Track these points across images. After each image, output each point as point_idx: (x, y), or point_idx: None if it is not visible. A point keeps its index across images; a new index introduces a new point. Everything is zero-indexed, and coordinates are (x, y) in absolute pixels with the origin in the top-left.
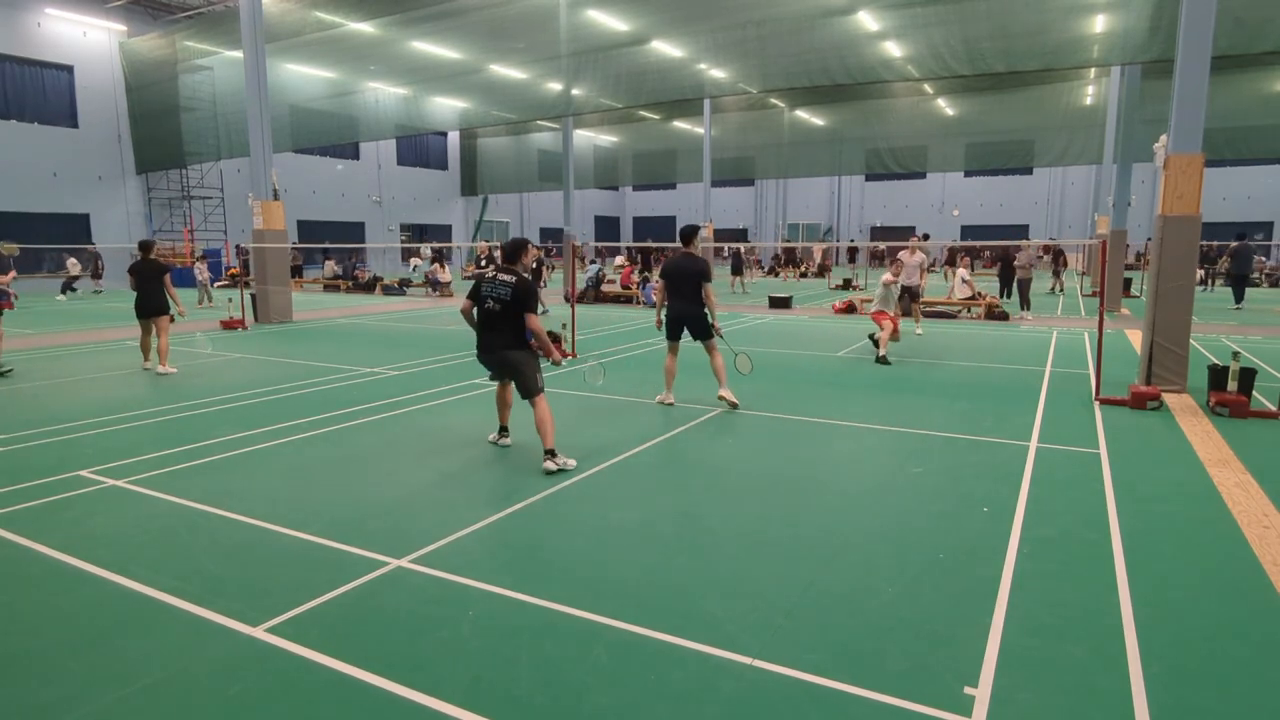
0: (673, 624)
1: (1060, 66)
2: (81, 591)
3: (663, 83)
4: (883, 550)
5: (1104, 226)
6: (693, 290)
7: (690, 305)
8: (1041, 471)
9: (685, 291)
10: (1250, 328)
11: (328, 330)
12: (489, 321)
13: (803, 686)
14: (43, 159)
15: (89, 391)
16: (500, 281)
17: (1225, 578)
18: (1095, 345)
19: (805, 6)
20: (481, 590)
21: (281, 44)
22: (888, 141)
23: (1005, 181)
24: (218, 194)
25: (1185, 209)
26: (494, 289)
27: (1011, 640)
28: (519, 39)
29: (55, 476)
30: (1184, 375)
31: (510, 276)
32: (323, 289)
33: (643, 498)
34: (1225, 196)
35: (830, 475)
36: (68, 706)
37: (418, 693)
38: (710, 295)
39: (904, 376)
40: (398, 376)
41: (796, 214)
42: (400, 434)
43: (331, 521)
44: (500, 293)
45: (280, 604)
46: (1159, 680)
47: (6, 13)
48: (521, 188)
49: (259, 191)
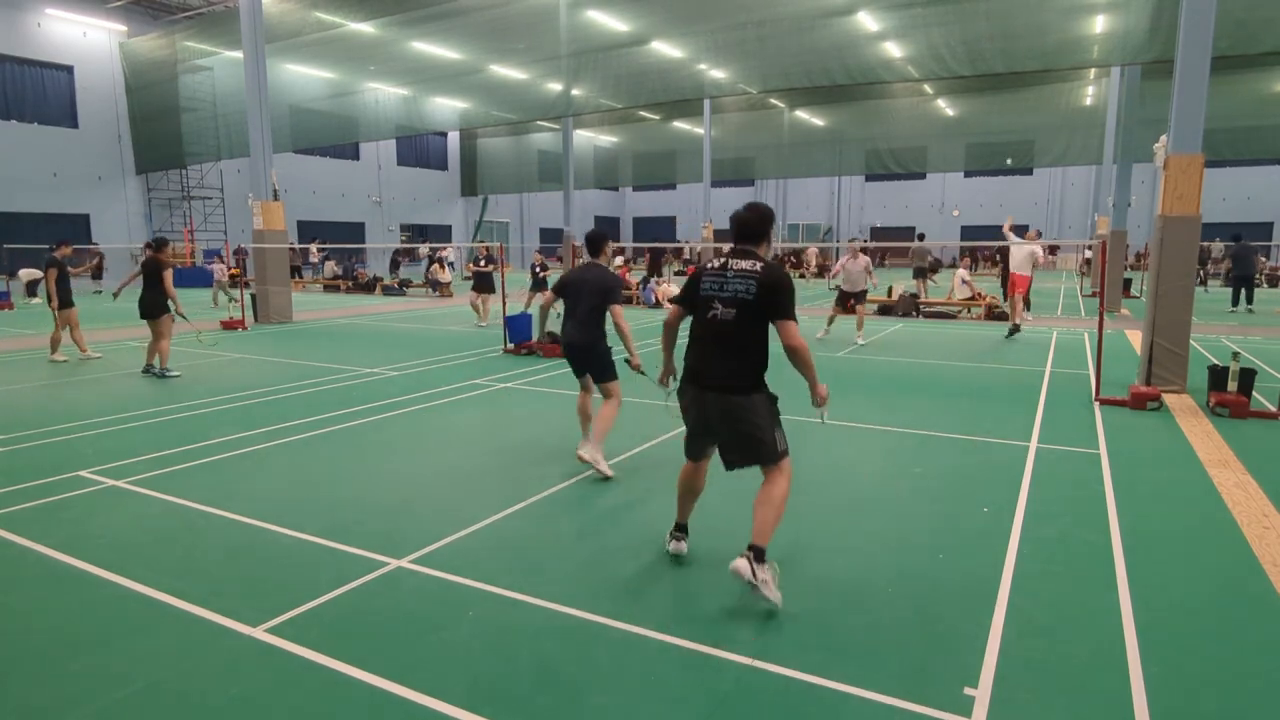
0: (672, 624)
1: (1060, 67)
2: (81, 592)
3: (663, 83)
4: (883, 550)
5: (1104, 227)
6: (589, 313)
7: (584, 333)
8: (1041, 472)
9: (579, 313)
10: (1250, 328)
11: (328, 330)
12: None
13: (803, 686)
14: (43, 159)
15: (89, 391)
16: (739, 273)
17: (1225, 578)
18: (1095, 346)
19: (805, 7)
20: (481, 590)
21: (281, 44)
22: (888, 142)
23: (1005, 182)
24: (218, 194)
25: (1185, 209)
26: (727, 284)
27: (1011, 640)
28: (519, 39)
29: (55, 477)
30: (1184, 376)
31: (756, 265)
32: (323, 289)
33: (642, 498)
34: (1225, 197)
35: (830, 475)
36: (67, 707)
37: (418, 693)
38: (620, 322)
39: (904, 377)
40: (397, 377)
41: (796, 214)
42: (400, 434)
43: (331, 521)
44: (737, 289)
45: (280, 604)
46: (1159, 680)
47: (6, 13)
48: (521, 188)
49: (259, 192)
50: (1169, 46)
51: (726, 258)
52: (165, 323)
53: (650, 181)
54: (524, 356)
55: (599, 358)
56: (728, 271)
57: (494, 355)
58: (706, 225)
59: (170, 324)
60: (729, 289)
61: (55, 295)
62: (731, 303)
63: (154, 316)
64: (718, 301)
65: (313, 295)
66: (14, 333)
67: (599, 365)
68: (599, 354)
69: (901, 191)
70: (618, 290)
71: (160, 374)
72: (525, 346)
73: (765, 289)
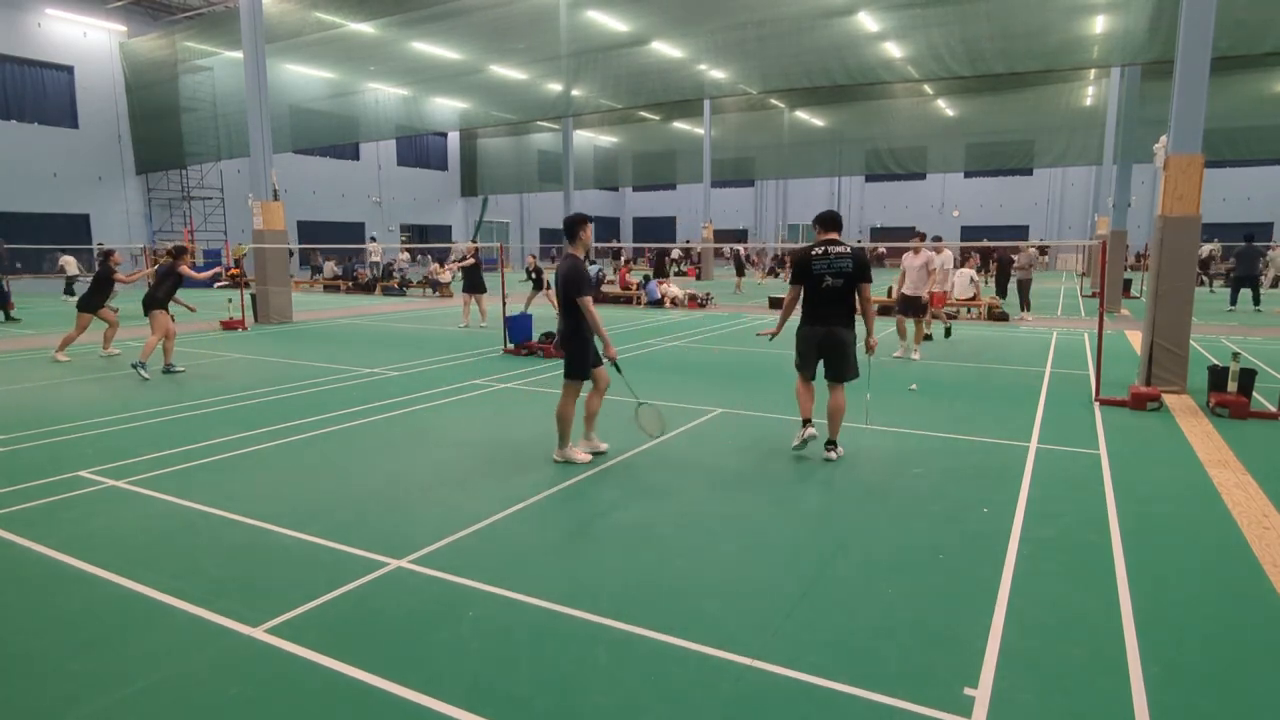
0: (672, 624)
1: (1060, 67)
2: (81, 592)
3: (663, 83)
4: (883, 550)
5: (1104, 227)
6: (563, 306)
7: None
8: (1041, 472)
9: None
10: (1250, 328)
11: (328, 331)
12: (828, 299)
13: (803, 687)
14: (43, 159)
15: (89, 391)
16: (838, 255)
17: (1225, 578)
18: (1095, 346)
19: (805, 7)
20: (481, 590)
21: (281, 44)
22: (888, 142)
23: (1005, 182)
24: (218, 194)
25: (1185, 209)
26: (832, 264)
27: (1011, 640)
28: (519, 39)
29: (55, 477)
30: (1184, 376)
31: (847, 248)
32: (323, 289)
33: (642, 498)
34: (1225, 197)
35: (830, 476)
36: (68, 707)
37: (417, 693)
38: (589, 313)
39: (904, 377)
40: (398, 377)
41: (797, 214)
42: (400, 434)
43: (331, 521)
44: (841, 266)
45: (280, 604)
46: (1159, 681)
47: (6, 13)
48: (521, 188)
49: (259, 192)
50: (1169, 46)
51: (824, 246)
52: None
53: (650, 182)
54: (524, 357)
55: (569, 350)
56: (830, 255)
57: (494, 355)
58: (706, 225)
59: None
60: (834, 266)
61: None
62: (839, 275)
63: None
64: (828, 275)
65: (312, 295)
66: (14, 333)
67: (568, 357)
68: (570, 347)
69: (901, 192)
70: (580, 283)
71: (135, 365)
72: (525, 346)
73: (858, 264)
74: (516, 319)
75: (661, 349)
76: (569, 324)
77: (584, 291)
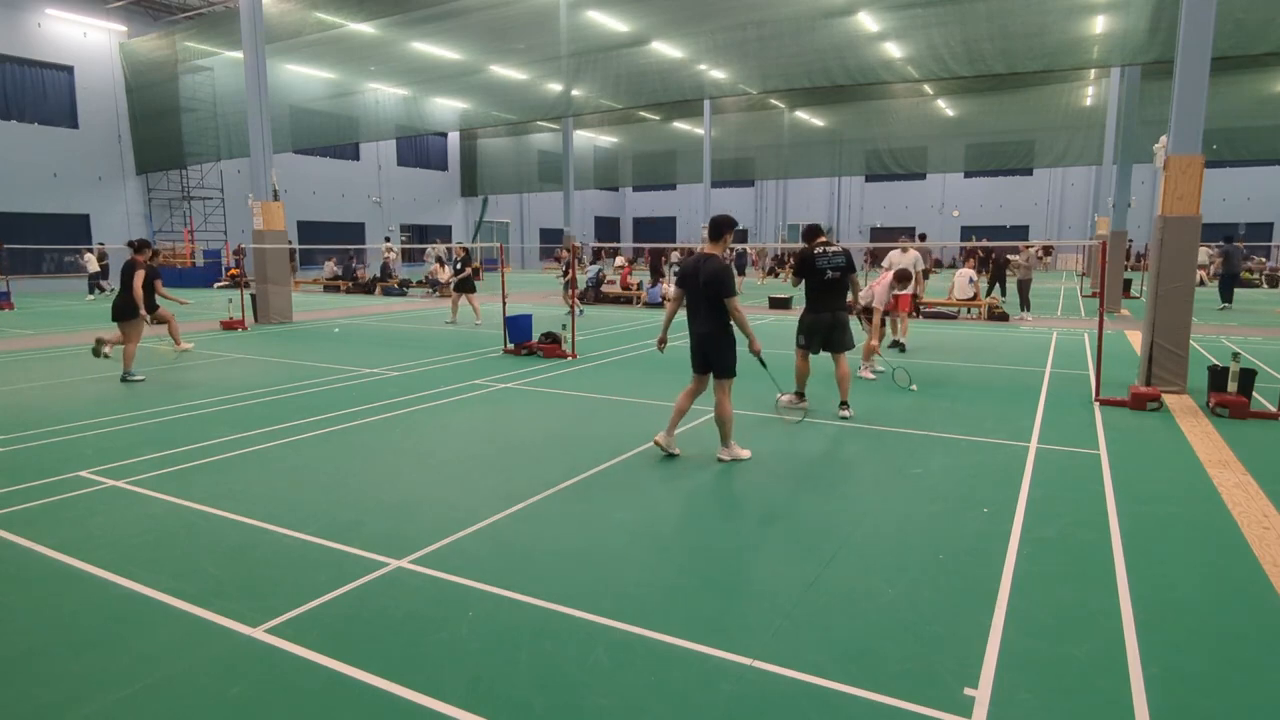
0: (673, 624)
1: (1060, 68)
2: (81, 592)
3: (663, 83)
4: (883, 550)
5: (1104, 227)
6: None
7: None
8: (1041, 472)
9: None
10: (1250, 329)
11: (328, 331)
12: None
13: (802, 687)
14: (43, 159)
15: (89, 391)
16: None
17: (1225, 578)
18: (1095, 346)
19: (805, 7)
20: (481, 590)
21: (281, 44)
22: (888, 142)
23: (1005, 182)
24: (218, 194)
25: (1185, 210)
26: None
27: (1011, 640)
28: (519, 39)
29: (55, 476)
30: (1184, 376)
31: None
32: (323, 289)
33: (642, 498)
34: (1225, 197)
35: (830, 476)
36: (68, 707)
37: (417, 693)
38: (738, 311)
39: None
40: (398, 377)
41: (797, 215)
42: (400, 434)
43: (331, 522)
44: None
45: (280, 604)
46: (1159, 681)
47: (6, 13)
48: (521, 188)
49: (259, 192)
50: (1169, 47)
51: (822, 247)
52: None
53: (650, 182)
54: (524, 357)
55: (719, 350)
56: (828, 253)
57: (494, 355)
58: (705, 226)
59: (140, 328)
60: (832, 262)
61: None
62: (837, 269)
63: (124, 319)
64: (829, 270)
65: (312, 295)
66: (14, 333)
67: (718, 358)
68: (719, 347)
69: (901, 192)
70: (729, 283)
71: (124, 376)
72: (525, 346)
73: (848, 259)
74: (516, 319)
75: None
76: (716, 324)
77: (733, 291)
